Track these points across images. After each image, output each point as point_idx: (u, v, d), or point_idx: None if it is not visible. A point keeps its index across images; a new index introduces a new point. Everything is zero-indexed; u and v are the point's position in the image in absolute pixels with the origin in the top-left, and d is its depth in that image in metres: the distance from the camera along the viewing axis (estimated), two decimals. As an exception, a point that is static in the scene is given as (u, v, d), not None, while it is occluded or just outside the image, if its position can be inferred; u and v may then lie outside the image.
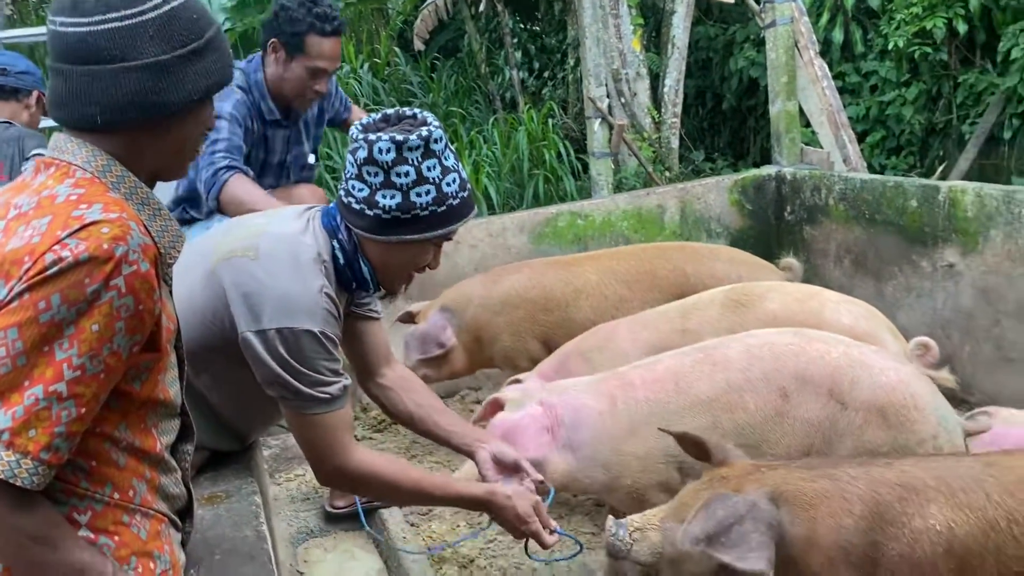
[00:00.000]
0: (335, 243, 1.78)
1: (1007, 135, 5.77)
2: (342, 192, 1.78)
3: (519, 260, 4.02)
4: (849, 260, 4.21)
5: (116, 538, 1.27)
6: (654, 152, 6.73)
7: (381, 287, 1.86)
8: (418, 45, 7.61)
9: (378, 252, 1.79)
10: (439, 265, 1.90)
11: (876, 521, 1.68)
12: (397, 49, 7.82)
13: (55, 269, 1.10)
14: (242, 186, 2.60)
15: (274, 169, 2.96)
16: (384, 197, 1.70)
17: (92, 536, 1.24)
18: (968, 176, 5.78)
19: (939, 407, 2.30)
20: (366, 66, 7.36)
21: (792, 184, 4.49)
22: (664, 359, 2.55)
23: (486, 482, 2.00)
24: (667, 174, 6.66)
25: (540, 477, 2.08)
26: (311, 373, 1.68)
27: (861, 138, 6.71)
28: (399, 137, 1.67)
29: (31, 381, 1.11)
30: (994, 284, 3.56)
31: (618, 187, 6.31)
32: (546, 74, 8.60)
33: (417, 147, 1.68)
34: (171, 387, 1.35)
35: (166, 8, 1.22)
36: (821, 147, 4.71)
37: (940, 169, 5.87)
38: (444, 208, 1.72)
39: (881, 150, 6.63)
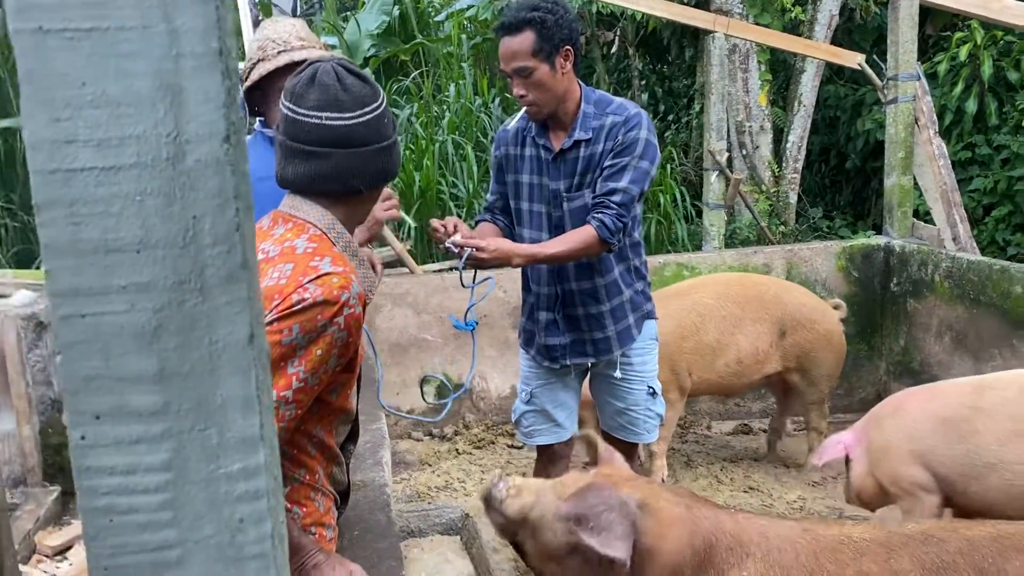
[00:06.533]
0: None
1: None
2: None
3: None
4: (950, 337, 4.28)
5: (304, 509, 1.65)
6: (771, 205, 6.84)
7: None
8: (550, 82, 7.93)
9: None
10: None
11: (706, 559, 1.93)
12: (530, 84, 8.18)
13: (299, 307, 1.43)
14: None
15: (536, 192, 2.76)
16: None
17: (289, 505, 1.62)
18: (1095, 260, 5.68)
19: None
20: (497, 100, 7.77)
21: (900, 257, 4.58)
22: None
23: None
24: (782, 228, 6.75)
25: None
26: None
27: (986, 211, 6.63)
28: None
29: None
30: (1093, 378, 3.58)
31: (730, 237, 6.45)
32: (670, 117, 8.80)
33: None
34: (352, 399, 1.72)
35: (384, 102, 1.62)
36: (933, 223, 4.78)
37: (1064, 251, 5.79)
38: None
39: (1007, 225, 6.52)
